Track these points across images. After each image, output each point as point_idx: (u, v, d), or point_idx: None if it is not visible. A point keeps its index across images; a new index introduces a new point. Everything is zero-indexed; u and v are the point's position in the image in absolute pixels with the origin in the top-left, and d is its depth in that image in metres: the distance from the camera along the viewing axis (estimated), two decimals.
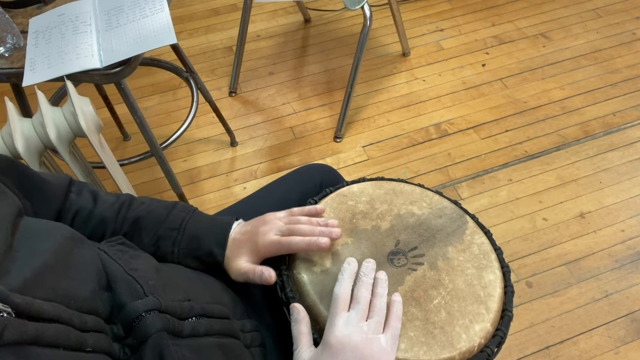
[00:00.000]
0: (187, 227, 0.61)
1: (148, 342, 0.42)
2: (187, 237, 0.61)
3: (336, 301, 0.54)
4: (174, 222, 0.61)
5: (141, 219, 0.61)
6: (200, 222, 0.62)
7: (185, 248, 0.60)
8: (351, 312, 0.53)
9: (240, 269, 0.59)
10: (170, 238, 0.60)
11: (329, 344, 0.51)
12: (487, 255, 0.63)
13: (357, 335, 0.51)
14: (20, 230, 0.41)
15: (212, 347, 0.48)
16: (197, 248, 0.60)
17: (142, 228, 0.60)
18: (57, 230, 0.44)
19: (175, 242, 0.60)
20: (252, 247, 0.60)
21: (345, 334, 0.51)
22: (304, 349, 0.53)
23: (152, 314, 0.43)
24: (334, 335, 0.51)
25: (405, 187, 0.71)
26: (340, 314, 0.53)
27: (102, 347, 0.39)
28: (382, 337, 0.52)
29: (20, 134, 0.88)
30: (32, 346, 0.33)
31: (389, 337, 0.52)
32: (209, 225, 0.62)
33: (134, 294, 0.44)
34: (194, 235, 0.61)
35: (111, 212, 0.61)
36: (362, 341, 0.51)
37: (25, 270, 0.37)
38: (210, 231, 0.61)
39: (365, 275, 0.56)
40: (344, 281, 0.55)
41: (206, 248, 0.60)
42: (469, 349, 0.55)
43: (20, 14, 1.04)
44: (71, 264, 0.42)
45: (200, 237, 0.61)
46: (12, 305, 0.33)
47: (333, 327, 0.52)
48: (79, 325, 0.38)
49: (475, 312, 0.58)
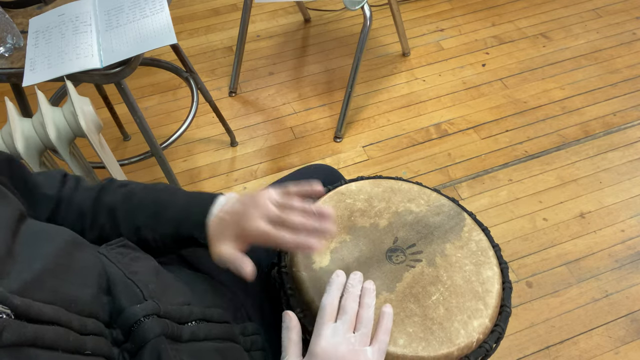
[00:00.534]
0: (163, 212, 0.57)
1: (146, 347, 0.42)
2: (165, 224, 0.56)
3: (323, 311, 0.53)
4: (151, 207, 0.57)
5: (116, 207, 0.57)
6: (178, 205, 0.57)
7: (166, 235, 0.56)
8: (338, 323, 0.52)
9: (222, 255, 0.54)
10: (148, 226, 0.56)
11: (315, 354, 0.50)
12: (485, 252, 0.63)
13: (344, 346, 0.50)
14: (21, 233, 0.41)
15: (211, 351, 0.48)
16: (176, 233, 0.56)
17: (119, 218, 0.57)
18: (58, 234, 0.44)
19: (155, 230, 0.56)
20: (238, 232, 0.54)
21: (331, 344, 0.50)
22: (292, 357, 0.53)
23: (150, 319, 0.43)
24: (320, 346, 0.50)
25: (403, 185, 0.71)
26: (326, 324, 0.52)
27: (102, 350, 0.39)
28: (368, 350, 0.51)
29: (20, 134, 0.88)
30: (30, 348, 0.33)
31: (376, 350, 0.52)
32: (189, 208, 0.57)
33: (133, 298, 0.44)
34: (172, 219, 0.56)
35: (89, 201, 0.58)
36: (349, 352, 0.50)
37: (26, 273, 0.37)
38: (190, 213, 0.56)
39: (353, 287, 0.55)
40: (331, 292, 0.54)
41: (186, 233, 0.56)
42: (468, 345, 0.55)
43: (20, 14, 1.04)
44: (72, 268, 0.42)
45: (179, 221, 0.56)
46: (11, 307, 0.33)
47: (319, 337, 0.51)
48: (78, 328, 0.38)
49: (474, 308, 0.58)
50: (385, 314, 0.55)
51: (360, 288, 0.56)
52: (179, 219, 0.56)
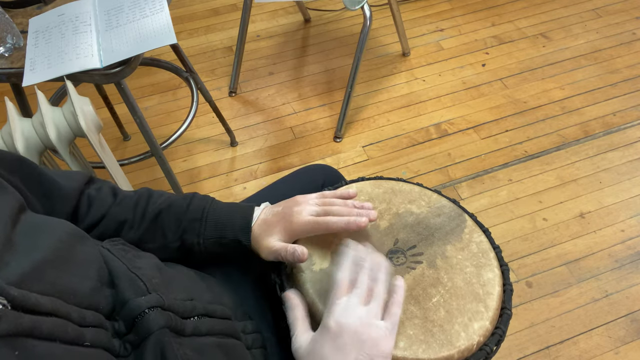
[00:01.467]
0: (209, 216, 0.61)
1: (150, 339, 0.42)
2: (210, 226, 0.60)
3: (336, 285, 0.53)
4: (195, 212, 0.61)
5: (162, 213, 0.61)
6: (221, 210, 0.62)
7: (210, 237, 0.60)
8: (351, 297, 0.52)
9: (272, 247, 0.58)
10: (193, 230, 0.60)
11: (328, 327, 0.51)
12: (486, 254, 0.63)
13: (356, 319, 0.51)
14: (21, 224, 0.41)
15: (214, 346, 0.48)
16: (221, 236, 0.60)
17: (165, 222, 0.60)
18: (58, 226, 0.44)
19: (200, 233, 0.60)
20: (286, 226, 0.59)
21: (344, 318, 0.51)
22: (301, 332, 0.53)
23: (155, 311, 0.43)
24: (333, 319, 0.51)
25: (403, 186, 0.71)
26: (339, 299, 0.52)
27: (101, 342, 0.39)
28: (381, 323, 0.51)
29: (20, 134, 0.88)
30: (28, 338, 0.33)
31: (389, 324, 0.52)
32: (231, 212, 0.62)
33: (137, 291, 0.44)
34: (216, 223, 0.60)
35: (130, 207, 0.61)
36: (361, 326, 0.50)
37: (24, 264, 0.37)
38: (233, 218, 0.61)
39: (365, 261, 0.56)
40: (344, 266, 0.55)
41: (231, 235, 0.60)
42: (468, 347, 0.55)
43: (20, 14, 1.04)
44: (71, 260, 0.42)
45: (224, 225, 0.61)
46: (8, 298, 0.33)
47: (332, 311, 0.52)
48: (77, 320, 0.38)
49: (474, 310, 0.58)
50: (397, 288, 0.55)
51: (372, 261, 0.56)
52: (224, 223, 0.60)
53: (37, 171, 0.54)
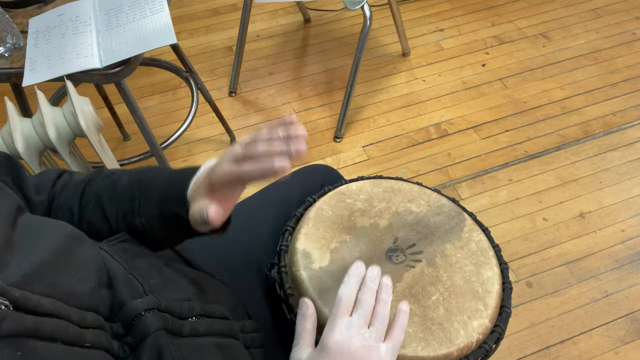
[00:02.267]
0: (147, 194, 0.54)
1: (147, 341, 0.42)
2: (149, 205, 0.54)
3: (339, 303, 0.52)
4: (135, 191, 0.55)
5: (102, 198, 0.55)
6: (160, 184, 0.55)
7: (151, 217, 0.54)
8: (354, 317, 0.51)
9: (193, 213, 0.51)
10: (134, 212, 0.54)
11: (327, 347, 0.50)
12: (485, 252, 0.63)
13: (357, 341, 0.50)
14: (20, 226, 0.41)
15: (212, 347, 0.48)
16: (160, 214, 0.53)
17: (106, 208, 0.55)
18: (57, 228, 0.44)
19: (140, 213, 0.54)
20: (207, 183, 0.50)
21: (345, 338, 0.50)
22: (303, 347, 0.52)
23: (151, 313, 0.43)
24: (334, 339, 0.50)
25: (403, 185, 0.71)
26: (341, 317, 0.51)
27: (101, 343, 0.39)
28: (382, 346, 0.50)
29: (20, 134, 0.88)
30: (30, 339, 0.33)
31: (390, 348, 0.51)
32: (169, 184, 0.54)
33: (134, 293, 0.44)
34: (155, 198, 0.54)
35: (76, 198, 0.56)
36: (362, 348, 0.49)
37: (25, 265, 0.37)
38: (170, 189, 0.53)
39: (371, 281, 0.54)
40: (349, 284, 0.53)
41: (169, 210, 0.53)
42: (467, 345, 0.55)
43: (20, 14, 1.04)
44: (71, 262, 0.42)
45: (161, 199, 0.53)
46: (9, 299, 0.33)
47: (333, 330, 0.50)
48: (77, 321, 0.38)
49: (474, 308, 0.58)
50: (401, 312, 0.54)
51: (378, 283, 0.55)
52: (161, 198, 0.53)
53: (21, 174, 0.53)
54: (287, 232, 0.66)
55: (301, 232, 0.64)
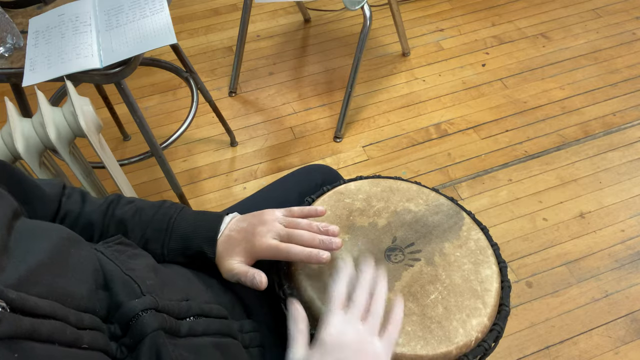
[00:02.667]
0: (174, 227, 0.59)
1: (145, 342, 0.42)
2: (175, 238, 0.59)
3: (332, 300, 0.53)
4: (161, 222, 0.59)
5: (127, 220, 0.59)
6: (188, 220, 0.60)
7: (174, 249, 0.59)
8: (348, 312, 0.52)
9: (232, 270, 0.58)
10: (158, 240, 0.59)
11: (323, 342, 0.50)
12: (484, 251, 0.63)
13: (352, 335, 0.50)
14: (16, 230, 0.41)
15: (210, 346, 0.48)
16: (185, 248, 0.59)
17: (129, 230, 0.59)
18: (53, 231, 0.44)
19: (164, 244, 0.59)
20: (247, 248, 0.58)
21: (339, 332, 0.50)
22: (299, 348, 0.52)
23: (148, 313, 0.43)
24: (329, 333, 0.50)
25: (401, 184, 0.71)
26: (335, 313, 0.52)
27: (99, 345, 0.39)
28: (377, 341, 0.51)
29: (20, 134, 0.88)
30: (27, 341, 0.33)
31: (385, 342, 0.51)
32: (198, 223, 0.60)
33: (131, 294, 0.44)
34: (182, 235, 0.59)
35: (97, 215, 0.59)
36: (357, 342, 0.50)
37: (21, 268, 0.37)
38: (199, 229, 0.59)
39: (363, 276, 0.55)
40: (340, 280, 0.54)
41: (195, 247, 0.59)
42: (466, 343, 0.55)
43: (20, 14, 1.04)
44: (68, 263, 0.42)
45: (188, 236, 0.59)
46: (6, 301, 0.33)
47: (328, 325, 0.51)
48: (75, 323, 0.38)
49: (472, 306, 0.58)
50: (396, 308, 0.54)
51: (370, 278, 0.55)
52: (188, 235, 0.59)
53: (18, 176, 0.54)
54: None
55: None
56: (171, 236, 0.59)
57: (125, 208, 0.60)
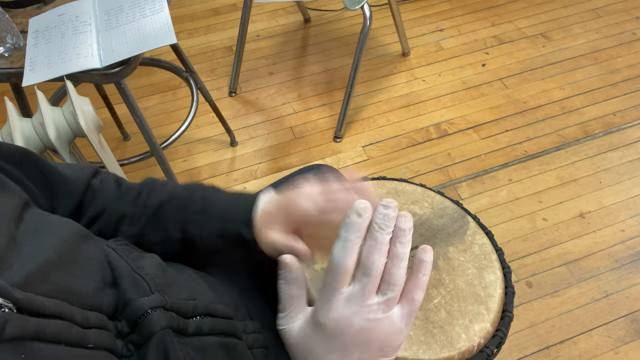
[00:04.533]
0: (211, 208, 0.57)
1: (153, 339, 0.42)
2: (212, 218, 0.57)
3: (334, 271, 0.39)
4: (197, 204, 0.58)
5: (164, 205, 0.58)
6: (223, 201, 0.58)
7: (212, 231, 0.57)
8: (355, 286, 0.40)
9: (273, 242, 0.53)
10: (196, 222, 0.57)
11: (322, 325, 0.41)
12: (488, 256, 0.63)
13: (361, 317, 0.39)
14: (25, 223, 0.41)
15: (216, 346, 0.48)
16: (222, 229, 0.57)
17: (166, 215, 0.58)
18: (63, 226, 0.44)
19: (203, 225, 0.57)
20: (287, 219, 0.54)
21: (344, 317, 0.40)
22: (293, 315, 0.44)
23: (157, 311, 0.43)
24: (330, 317, 0.40)
25: (407, 186, 0.71)
26: (338, 290, 0.40)
27: (104, 343, 0.39)
28: (395, 312, 0.40)
29: (20, 134, 0.88)
30: (33, 341, 0.33)
31: (405, 313, 0.40)
32: (233, 203, 0.58)
33: (139, 291, 0.44)
34: (219, 214, 0.57)
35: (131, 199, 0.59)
36: (369, 323, 0.39)
37: (28, 265, 0.37)
38: (235, 209, 0.57)
39: (381, 230, 0.39)
40: (348, 242, 0.39)
41: (233, 227, 0.56)
42: (469, 349, 0.55)
43: (20, 14, 1.04)
44: (75, 260, 0.42)
45: (225, 216, 0.57)
46: (13, 301, 0.33)
47: (329, 305, 0.40)
48: (80, 322, 0.38)
49: (475, 312, 0.58)
50: (422, 264, 0.40)
51: (392, 227, 0.40)
52: (226, 215, 0.56)
53: (40, 163, 0.53)
54: None
55: None
56: (208, 217, 0.56)
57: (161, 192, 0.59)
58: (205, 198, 0.58)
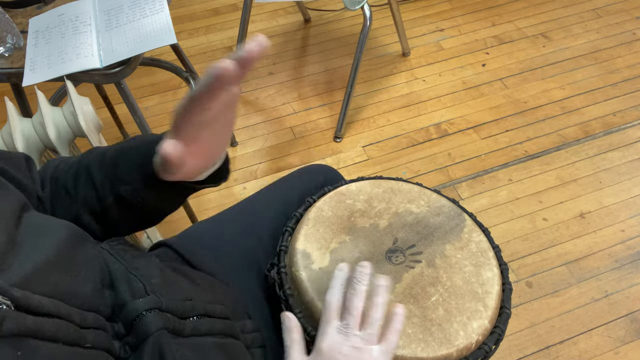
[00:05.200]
0: (128, 158, 0.52)
1: (148, 341, 0.42)
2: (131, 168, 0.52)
3: (327, 309, 0.53)
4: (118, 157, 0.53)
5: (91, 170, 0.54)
6: (141, 147, 0.53)
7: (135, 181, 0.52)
8: (343, 322, 0.52)
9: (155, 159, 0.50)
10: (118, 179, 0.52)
11: (321, 351, 0.51)
12: (485, 253, 0.63)
13: (348, 345, 0.50)
14: (23, 225, 0.41)
15: (213, 346, 0.48)
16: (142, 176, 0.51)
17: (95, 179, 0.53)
18: (61, 227, 0.44)
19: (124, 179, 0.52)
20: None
21: (336, 342, 0.50)
22: (297, 355, 0.53)
23: (152, 313, 0.43)
24: (326, 343, 0.51)
25: (403, 185, 0.71)
26: (331, 323, 0.52)
27: (102, 344, 0.39)
28: (375, 349, 0.50)
29: (20, 134, 0.88)
30: (31, 339, 0.33)
31: (383, 350, 0.51)
32: (150, 144, 0.52)
33: (135, 293, 0.44)
34: (135, 161, 0.52)
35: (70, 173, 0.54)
36: (354, 351, 0.50)
37: (27, 265, 0.37)
38: (150, 149, 0.51)
39: (359, 283, 0.53)
40: (334, 289, 0.54)
41: (150, 170, 0.51)
42: (467, 346, 0.55)
43: (20, 14, 1.04)
44: (73, 262, 0.42)
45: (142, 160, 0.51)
46: (11, 299, 0.33)
47: (325, 335, 0.51)
48: (78, 322, 0.38)
49: (473, 309, 0.58)
50: (397, 315, 0.53)
51: (368, 283, 0.53)
52: (142, 158, 0.51)
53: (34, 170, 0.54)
54: (287, 232, 0.66)
55: (301, 233, 0.64)
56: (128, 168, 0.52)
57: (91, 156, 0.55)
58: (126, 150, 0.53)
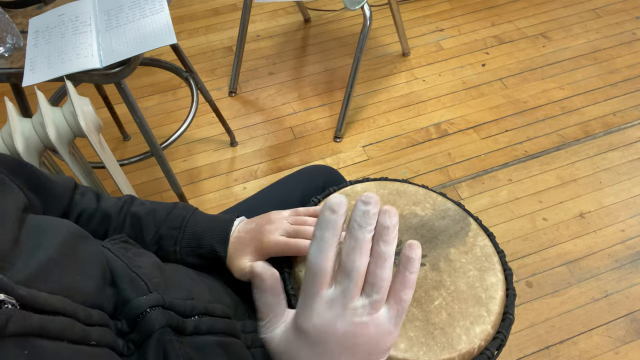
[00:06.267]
0: (187, 226, 0.61)
1: (152, 338, 0.42)
2: (188, 236, 0.60)
3: (312, 274, 0.36)
4: (175, 221, 0.61)
5: (142, 217, 0.61)
6: (201, 221, 0.62)
7: (187, 246, 0.60)
8: (337, 289, 0.36)
9: (244, 269, 0.58)
10: (171, 237, 0.60)
11: (305, 330, 0.37)
12: (490, 258, 0.63)
13: (346, 320, 0.36)
14: (26, 225, 0.42)
15: (214, 345, 0.48)
16: (198, 246, 0.60)
17: (144, 226, 0.60)
18: (62, 226, 0.45)
19: (177, 241, 0.60)
20: (257, 246, 0.59)
21: (327, 321, 0.36)
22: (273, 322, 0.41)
23: (156, 310, 0.43)
24: (313, 322, 0.37)
25: (409, 187, 0.70)
26: (318, 293, 0.36)
27: (106, 341, 0.39)
28: (382, 314, 0.37)
29: (20, 134, 0.88)
30: (36, 338, 0.33)
31: (393, 314, 0.37)
32: (210, 223, 0.62)
33: (138, 291, 0.45)
34: (195, 233, 0.60)
35: (114, 209, 0.61)
36: (354, 327, 0.36)
37: (31, 263, 0.37)
38: (212, 229, 0.61)
39: (361, 228, 0.34)
40: (322, 242, 0.35)
41: (208, 246, 0.60)
42: (469, 351, 0.55)
43: (20, 14, 1.04)
44: (76, 259, 0.42)
45: (201, 235, 0.60)
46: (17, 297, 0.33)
47: (310, 310, 0.37)
48: (84, 319, 0.38)
49: (476, 314, 0.57)
50: (410, 260, 0.36)
51: (374, 227, 0.35)
52: (202, 234, 0.60)
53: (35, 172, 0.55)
54: None
55: None
56: (184, 234, 0.60)
57: (140, 207, 0.62)
58: (183, 217, 0.61)
